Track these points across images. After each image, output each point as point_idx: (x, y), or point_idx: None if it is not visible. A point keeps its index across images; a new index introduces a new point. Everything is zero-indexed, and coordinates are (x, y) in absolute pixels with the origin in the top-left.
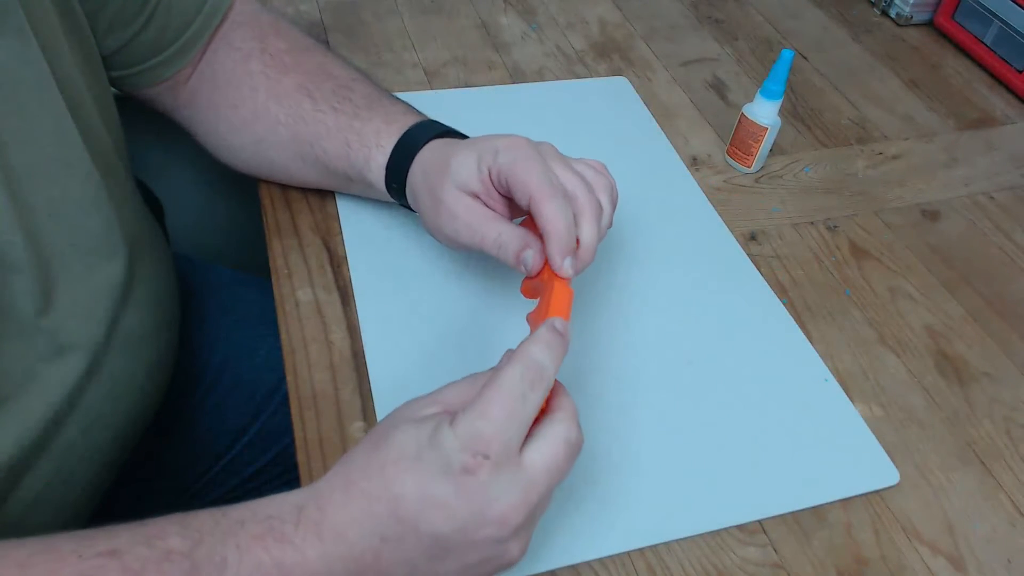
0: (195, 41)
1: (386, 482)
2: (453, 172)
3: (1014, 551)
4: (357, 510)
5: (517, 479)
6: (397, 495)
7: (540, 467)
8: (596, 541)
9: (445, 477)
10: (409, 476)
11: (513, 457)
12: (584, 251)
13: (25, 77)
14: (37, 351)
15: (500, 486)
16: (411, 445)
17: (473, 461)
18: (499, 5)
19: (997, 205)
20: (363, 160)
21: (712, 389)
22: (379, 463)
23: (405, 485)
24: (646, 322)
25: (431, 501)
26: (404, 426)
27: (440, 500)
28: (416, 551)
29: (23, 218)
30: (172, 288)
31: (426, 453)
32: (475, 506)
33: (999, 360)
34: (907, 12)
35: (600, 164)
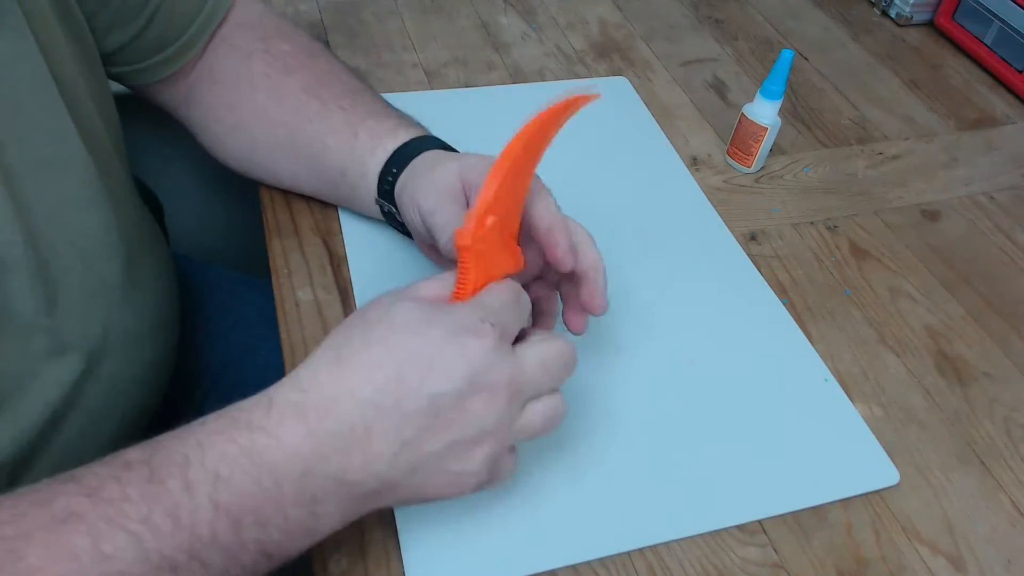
0: (196, 39)
1: (390, 348)
2: (438, 166)
3: (1014, 551)
4: (353, 381)
5: (511, 359)
6: (403, 358)
7: (532, 359)
8: (596, 541)
9: (454, 338)
10: (417, 339)
11: (509, 341)
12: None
13: (23, 76)
14: (35, 351)
15: (497, 357)
16: (417, 313)
17: (482, 326)
18: (499, 5)
19: (997, 205)
20: (369, 149)
21: (712, 389)
22: (381, 334)
23: (412, 347)
24: (646, 322)
25: (436, 361)
26: (405, 303)
27: (445, 360)
28: (409, 420)
29: (22, 218)
30: (172, 288)
31: (436, 317)
32: (473, 369)
33: (999, 360)
34: (907, 12)
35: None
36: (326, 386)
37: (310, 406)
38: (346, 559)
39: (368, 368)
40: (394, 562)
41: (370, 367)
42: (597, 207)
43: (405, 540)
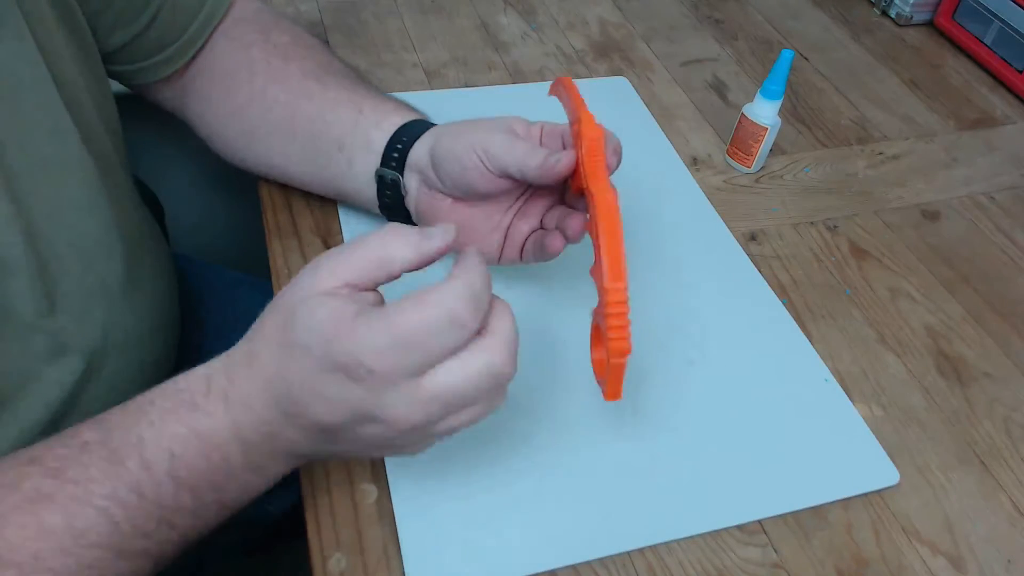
0: (197, 37)
1: (281, 364)
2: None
3: (1014, 551)
4: (259, 385)
5: (410, 395)
6: (289, 380)
7: (443, 390)
8: (596, 541)
9: (332, 375)
10: (298, 365)
11: (407, 378)
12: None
13: (23, 77)
14: (35, 352)
15: (389, 396)
16: (310, 334)
17: (357, 372)
18: (499, 5)
19: (997, 205)
20: (374, 121)
21: (712, 389)
22: (280, 341)
23: (294, 373)
24: (646, 322)
25: (317, 394)
26: (310, 303)
27: (325, 395)
28: (310, 432)
29: (21, 218)
30: (172, 289)
31: (317, 348)
32: (361, 407)
33: (999, 360)
34: (907, 12)
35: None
36: (243, 383)
37: (233, 396)
38: (346, 559)
39: (267, 378)
40: (394, 562)
41: (268, 378)
42: None
43: (405, 540)
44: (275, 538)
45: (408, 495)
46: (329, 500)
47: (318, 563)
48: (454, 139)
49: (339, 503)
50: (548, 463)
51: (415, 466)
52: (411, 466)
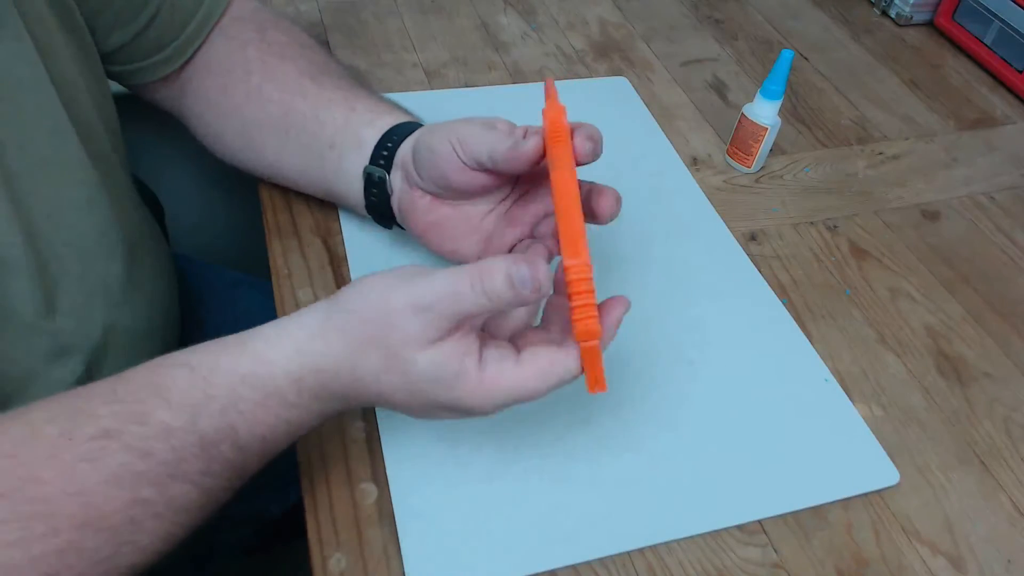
0: (195, 37)
1: (395, 393)
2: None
3: (1014, 551)
4: (359, 395)
5: (498, 407)
6: (396, 401)
7: (524, 398)
8: (596, 541)
9: (448, 411)
10: (418, 401)
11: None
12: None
13: (22, 79)
14: (36, 352)
15: (480, 412)
16: (438, 385)
17: (472, 413)
18: (499, 5)
19: (997, 205)
20: (367, 120)
21: (712, 389)
22: (399, 381)
23: (412, 402)
24: (646, 322)
25: (424, 411)
26: (431, 354)
27: (431, 414)
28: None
29: (21, 219)
30: (172, 289)
31: (443, 396)
32: (453, 414)
33: (999, 360)
34: (907, 12)
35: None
36: (339, 389)
37: (331, 398)
38: (346, 559)
39: (373, 396)
40: (394, 562)
41: (374, 396)
42: None
43: (405, 540)
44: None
45: (408, 495)
46: (329, 500)
47: (318, 563)
48: (431, 132)
49: (339, 503)
50: (548, 463)
51: (415, 466)
52: (411, 466)
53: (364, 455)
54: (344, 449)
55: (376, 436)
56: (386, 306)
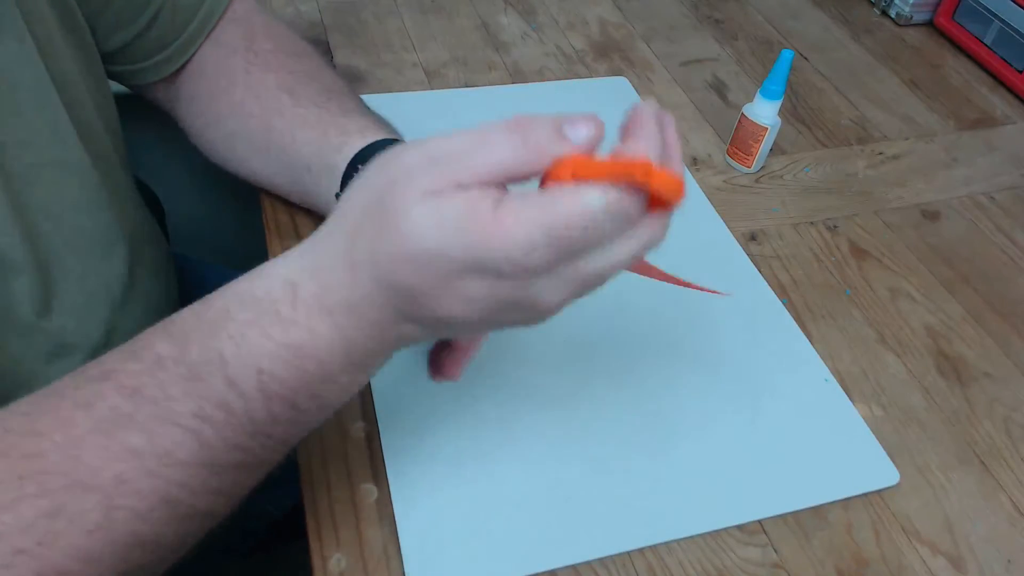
0: (196, 37)
1: (400, 272)
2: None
3: (1014, 551)
4: (367, 290)
5: (563, 281)
6: (412, 286)
7: (599, 272)
8: (596, 541)
9: (474, 276)
10: (429, 271)
11: (563, 266)
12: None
13: (23, 79)
14: (37, 352)
15: (539, 285)
16: (442, 236)
17: (507, 270)
18: (499, 5)
19: (997, 205)
20: (336, 145)
21: (712, 389)
22: (393, 249)
23: (423, 280)
24: (646, 322)
25: (453, 295)
26: (429, 202)
27: (464, 295)
28: (432, 327)
29: (21, 220)
30: (172, 288)
31: (455, 250)
32: (507, 300)
33: (999, 360)
34: (907, 12)
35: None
36: (343, 289)
37: (334, 302)
38: (346, 559)
39: (383, 285)
40: (394, 562)
41: (384, 285)
42: None
43: (405, 540)
44: (275, 538)
45: (408, 495)
46: (329, 500)
47: (318, 563)
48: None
49: (339, 503)
50: (548, 463)
51: (415, 466)
52: (411, 466)
53: (364, 455)
54: (344, 449)
55: (376, 436)
56: (392, 170)
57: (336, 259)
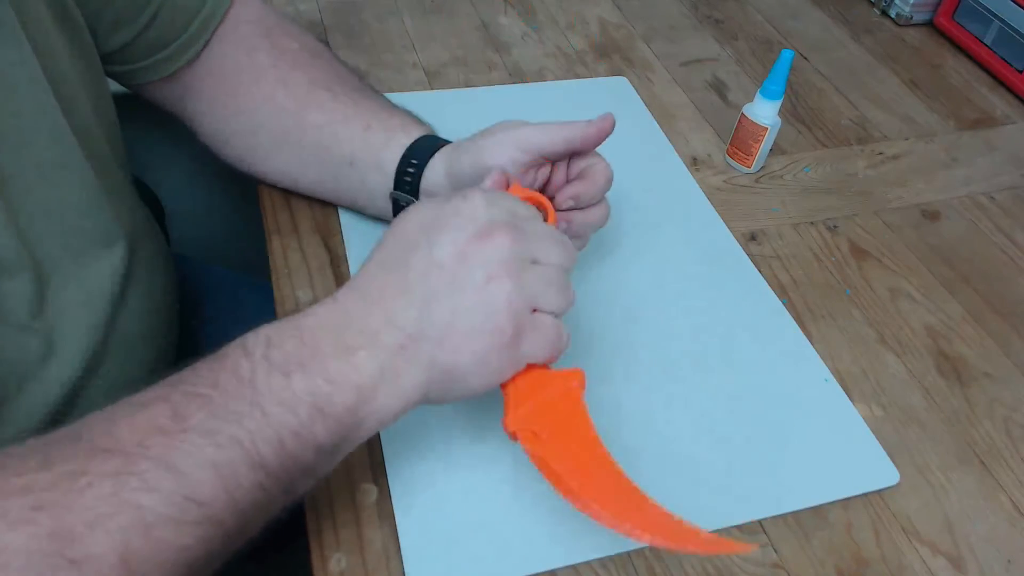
0: (197, 37)
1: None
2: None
3: (1014, 551)
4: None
5: (502, 206)
6: (410, 230)
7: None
8: (596, 541)
9: (450, 205)
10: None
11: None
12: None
13: (18, 80)
14: (32, 353)
15: (489, 207)
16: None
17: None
18: (499, 5)
19: (997, 205)
20: (383, 140)
21: (712, 389)
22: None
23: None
24: (646, 322)
25: (435, 230)
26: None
27: (443, 226)
28: (419, 280)
29: (15, 221)
30: (171, 289)
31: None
32: (468, 221)
33: (999, 360)
34: (907, 12)
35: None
36: (364, 317)
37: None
38: (346, 559)
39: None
40: (394, 562)
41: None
42: None
43: (405, 540)
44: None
45: (408, 495)
46: (329, 500)
47: (318, 563)
48: (475, 154)
49: (339, 503)
50: None
51: (415, 466)
52: (411, 466)
53: (364, 455)
54: None
55: (376, 436)
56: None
57: (355, 295)
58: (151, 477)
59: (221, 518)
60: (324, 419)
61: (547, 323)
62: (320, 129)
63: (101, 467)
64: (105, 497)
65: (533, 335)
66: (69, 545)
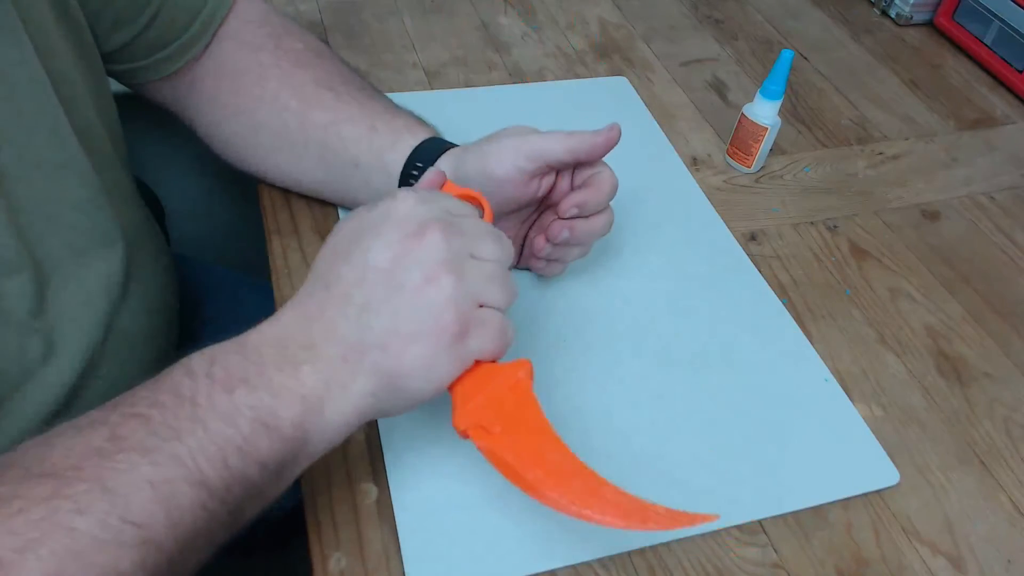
0: (199, 37)
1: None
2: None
3: (1014, 551)
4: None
5: (434, 205)
6: (342, 238)
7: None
8: (596, 541)
9: (377, 209)
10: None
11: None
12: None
13: (20, 79)
14: (31, 352)
15: (420, 206)
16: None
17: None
18: (499, 5)
19: (997, 205)
20: (389, 142)
21: (712, 389)
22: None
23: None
24: (646, 322)
25: (366, 233)
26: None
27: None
28: (356, 288)
29: (15, 220)
30: (171, 288)
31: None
32: (400, 218)
33: (999, 360)
34: (907, 12)
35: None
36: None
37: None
38: (346, 559)
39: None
40: (394, 562)
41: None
42: None
43: (405, 540)
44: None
45: (408, 495)
46: (329, 500)
47: (318, 563)
48: (481, 159)
49: (339, 503)
50: None
51: (415, 466)
52: (411, 466)
53: (364, 455)
54: (344, 449)
55: (376, 436)
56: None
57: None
58: (84, 499)
59: (160, 541)
60: (268, 433)
61: (493, 318)
62: (324, 129)
63: (33, 491)
64: (36, 522)
65: (479, 331)
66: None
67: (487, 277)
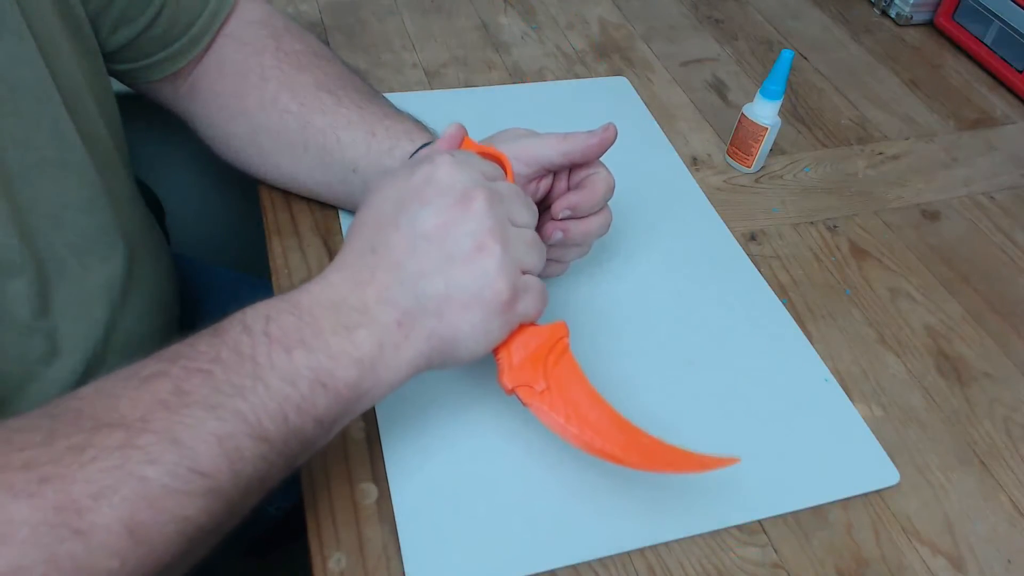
0: (202, 35)
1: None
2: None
3: (1014, 551)
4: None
5: (474, 172)
6: (387, 201)
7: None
8: (596, 541)
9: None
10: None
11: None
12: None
13: (23, 78)
14: (34, 353)
15: (461, 171)
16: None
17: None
18: (499, 5)
19: (997, 205)
20: (387, 148)
21: (712, 389)
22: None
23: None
24: (646, 322)
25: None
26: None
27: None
28: (404, 255)
29: (18, 220)
30: (172, 289)
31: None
32: (443, 186)
33: (999, 360)
34: (907, 12)
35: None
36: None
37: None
38: (346, 559)
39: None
40: (394, 562)
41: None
42: None
43: (405, 540)
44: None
45: (408, 495)
46: (329, 500)
47: (318, 563)
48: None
49: (339, 503)
50: (548, 463)
51: (415, 466)
52: (411, 466)
53: (364, 455)
54: (344, 449)
55: (376, 436)
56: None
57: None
58: (155, 450)
59: (224, 489)
60: (326, 392)
61: (534, 282)
62: (324, 133)
63: (105, 441)
64: (110, 470)
65: (526, 296)
66: (75, 516)
67: (528, 244)
